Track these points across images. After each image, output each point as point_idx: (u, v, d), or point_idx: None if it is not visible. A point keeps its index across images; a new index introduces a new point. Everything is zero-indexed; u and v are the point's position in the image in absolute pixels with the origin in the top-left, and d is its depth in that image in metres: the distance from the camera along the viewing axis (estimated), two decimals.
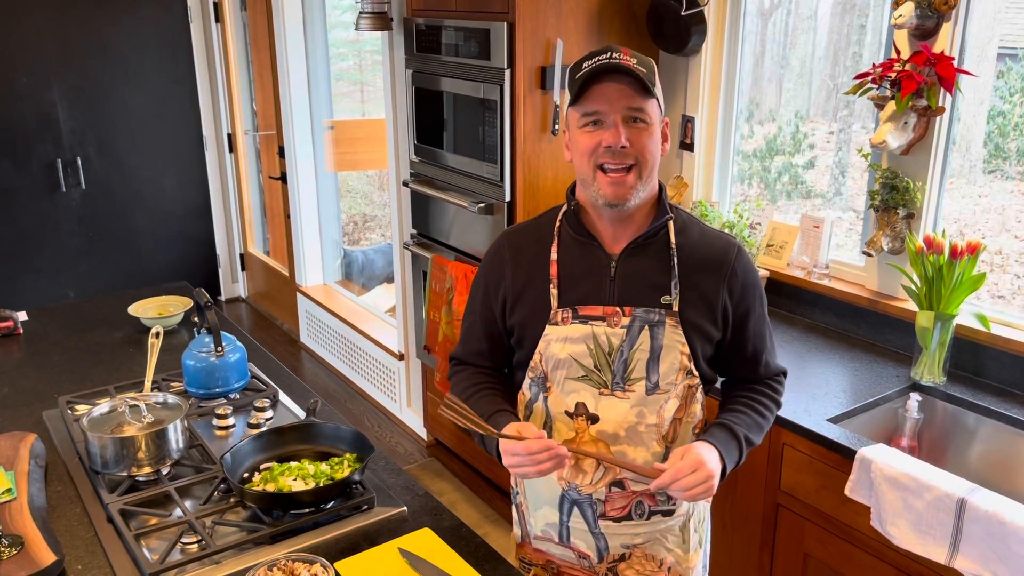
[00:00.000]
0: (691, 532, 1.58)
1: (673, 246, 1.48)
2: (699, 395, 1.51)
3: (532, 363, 1.52)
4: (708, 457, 1.40)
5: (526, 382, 1.55)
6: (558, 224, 1.54)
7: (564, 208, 1.54)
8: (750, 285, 1.52)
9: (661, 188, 1.51)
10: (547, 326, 1.49)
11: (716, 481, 1.39)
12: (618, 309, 1.46)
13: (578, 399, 1.48)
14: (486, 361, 1.63)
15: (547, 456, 1.38)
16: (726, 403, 1.59)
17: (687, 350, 1.46)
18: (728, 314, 1.50)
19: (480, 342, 1.62)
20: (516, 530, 1.70)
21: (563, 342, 1.47)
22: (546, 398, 1.51)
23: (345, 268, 5.00)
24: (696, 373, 1.49)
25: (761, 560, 2.17)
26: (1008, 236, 2.66)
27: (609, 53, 1.40)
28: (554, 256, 1.51)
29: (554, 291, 1.49)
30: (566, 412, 1.49)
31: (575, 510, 1.54)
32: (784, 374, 1.64)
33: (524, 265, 1.54)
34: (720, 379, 1.63)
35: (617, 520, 1.52)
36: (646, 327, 1.45)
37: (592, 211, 1.50)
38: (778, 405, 1.60)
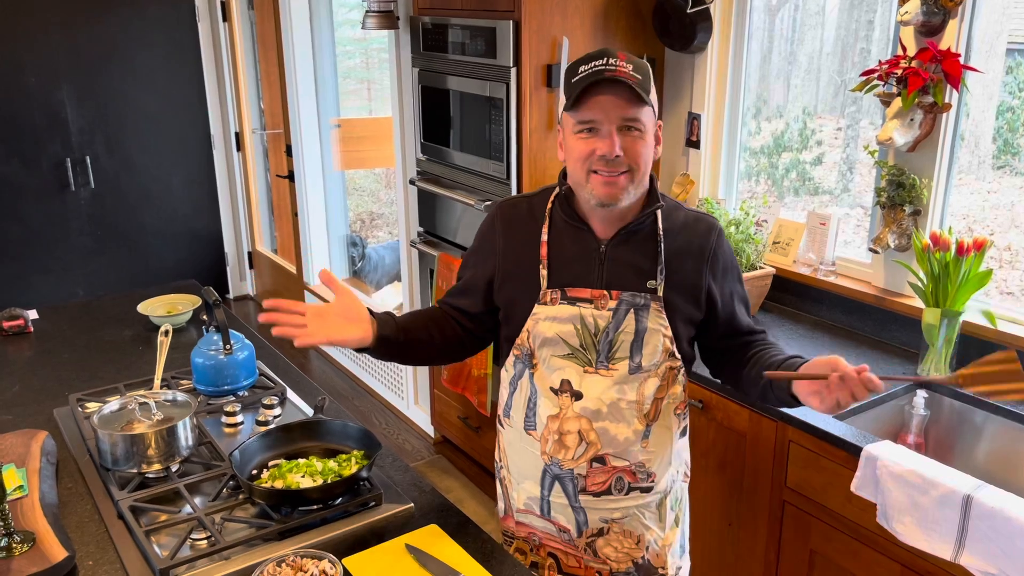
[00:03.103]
0: (667, 510, 1.63)
1: (660, 233, 1.53)
2: (681, 377, 1.57)
3: (519, 340, 1.57)
4: None
5: (510, 358, 1.60)
6: (549, 206, 1.58)
7: (556, 191, 1.58)
8: (730, 265, 1.58)
9: (652, 179, 1.54)
10: (536, 305, 1.54)
11: None
12: (606, 292, 1.51)
13: (563, 376, 1.53)
14: (463, 318, 1.67)
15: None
16: (758, 355, 1.56)
17: (670, 333, 1.52)
18: (714, 296, 1.55)
19: (462, 301, 1.67)
20: (500, 504, 1.75)
21: (551, 321, 1.52)
22: (532, 374, 1.56)
23: (361, 264, 5.01)
24: (678, 356, 1.54)
25: (767, 556, 2.17)
26: (1017, 232, 2.65)
27: (605, 59, 1.41)
28: (544, 238, 1.56)
29: (544, 272, 1.54)
30: (551, 388, 1.54)
31: (556, 484, 1.58)
32: (764, 331, 1.66)
33: (515, 243, 1.59)
34: (710, 366, 1.68)
35: (596, 495, 1.57)
36: (632, 310, 1.50)
37: (584, 204, 1.54)
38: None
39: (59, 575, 1.39)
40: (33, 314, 2.60)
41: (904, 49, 2.21)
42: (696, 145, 2.93)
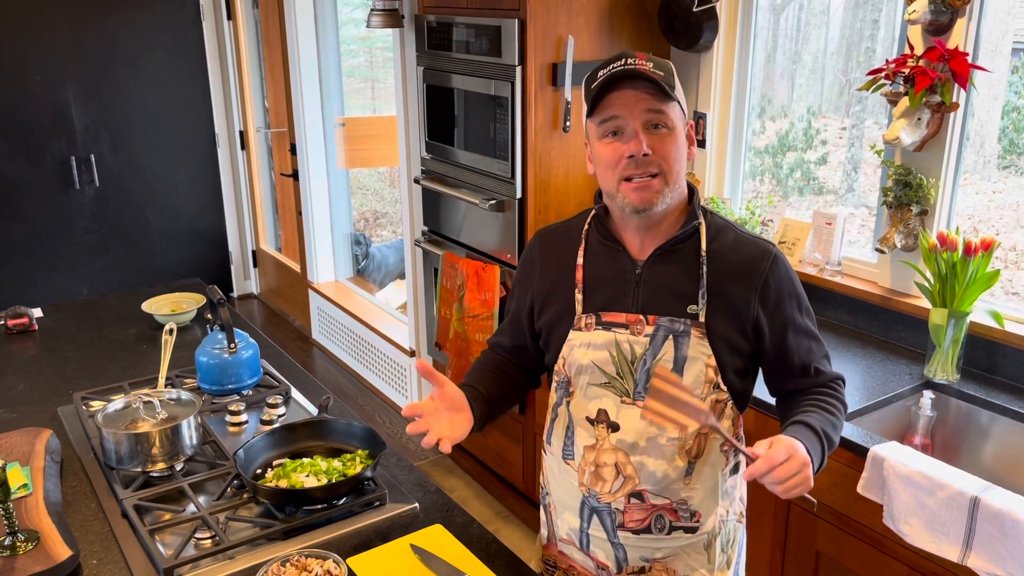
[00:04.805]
0: (717, 552, 1.52)
1: (703, 253, 1.42)
2: (729, 410, 1.46)
3: (556, 367, 1.51)
4: (798, 446, 1.29)
5: (553, 385, 1.54)
6: (586, 228, 1.52)
7: (593, 212, 1.52)
8: (785, 295, 1.44)
9: (693, 192, 1.46)
10: (571, 331, 1.47)
11: (811, 472, 1.29)
12: (641, 317, 1.41)
13: (600, 406, 1.45)
14: (508, 355, 1.64)
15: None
16: (792, 409, 1.47)
17: (713, 362, 1.40)
18: (762, 327, 1.43)
19: (505, 336, 1.64)
20: (543, 531, 1.68)
21: (586, 348, 1.45)
22: (568, 403, 1.50)
23: (364, 263, 5.02)
24: (724, 387, 1.43)
25: (773, 558, 2.16)
26: (1023, 232, 2.64)
27: (624, 60, 1.35)
28: (580, 260, 1.49)
29: (579, 296, 1.47)
30: (587, 418, 1.47)
31: (594, 518, 1.51)
32: (842, 380, 1.53)
33: (552, 268, 1.53)
34: (773, 399, 1.57)
35: (636, 532, 1.48)
36: (670, 337, 1.40)
37: (618, 218, 1.47)
38: (844, 407, 1.48)
39: (63, 574, 1.39)
40: (38, 312, 2.61)
41: (912, 48, 2.21)
42: (701, 144, 2.92)
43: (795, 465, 1.27)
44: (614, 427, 1.44)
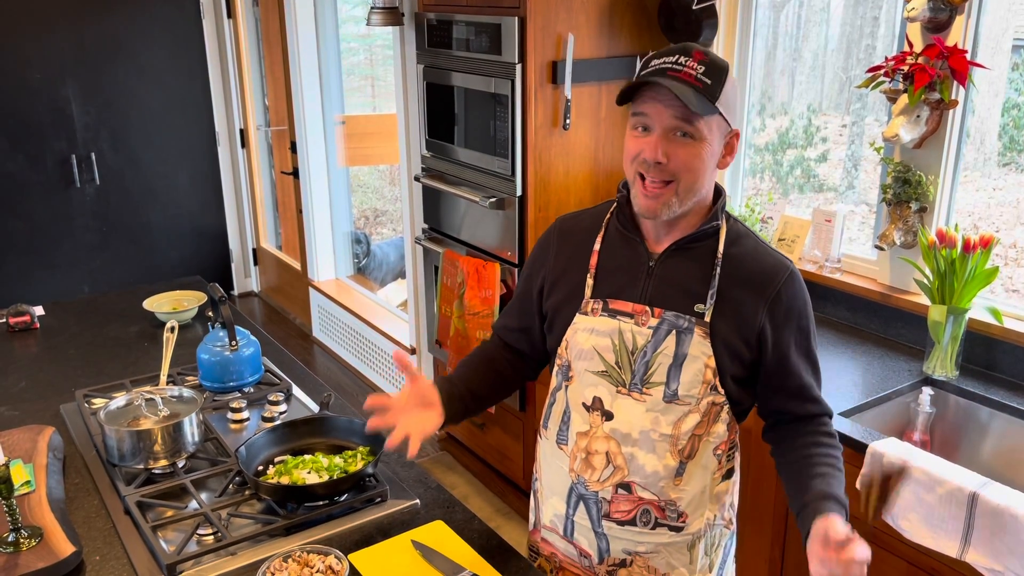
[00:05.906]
0: (700, 554, 1.52)
1: (719, 255, 1.42)
2: (725, 415, 1.45)
3: (559, 350, 1.52)
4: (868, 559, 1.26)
5: (554, 369, 1.56)
6: (608, 216, 1.52)
7: (616, 201, 1.53)
8: (796, 314, 1.43)
9: (720, 194, 1.46)
10: (577, 315, 1.48)
11: None
12: (648, 308, 1.42)
13: (595, 393, 1.47)
14: (512, 338, 1.64)
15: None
16: (800, 460, 1.45)
17: (713, 363, 1.40)
18: (766, 339, 1.42)
19: (512, 318, 1.64)
20: (531, 516, 1.70)
21: (589, 333, 1.46)
22: (567, 387, 1.51)
23: (365, 261, 5.02)
24: (721, 391, 1.42)
25: (772, 554, 2.17)
26: (1023, 229, 2.65)
27: (677, 56, 1.32)
28: (597, 247, 1.50)
29: (590, 281, 1.48)
30: (583, 404, 1.49)
31: (581, 505, 1.53)
32: (831, 416, 1.52)
33: (567, 251, 1.54)
34: (764, 422, 1.55)
35: (620, 523, 1.49)
36: (673, 332, 1.40)
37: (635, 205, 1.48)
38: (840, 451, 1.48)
39: (66, 570, 1.40)
40: (39, 310, 2.61)
41: (911, 45, 2.21)
42: None
43: (854, 572, 1.26)
44: (608, 416, 1.46)
